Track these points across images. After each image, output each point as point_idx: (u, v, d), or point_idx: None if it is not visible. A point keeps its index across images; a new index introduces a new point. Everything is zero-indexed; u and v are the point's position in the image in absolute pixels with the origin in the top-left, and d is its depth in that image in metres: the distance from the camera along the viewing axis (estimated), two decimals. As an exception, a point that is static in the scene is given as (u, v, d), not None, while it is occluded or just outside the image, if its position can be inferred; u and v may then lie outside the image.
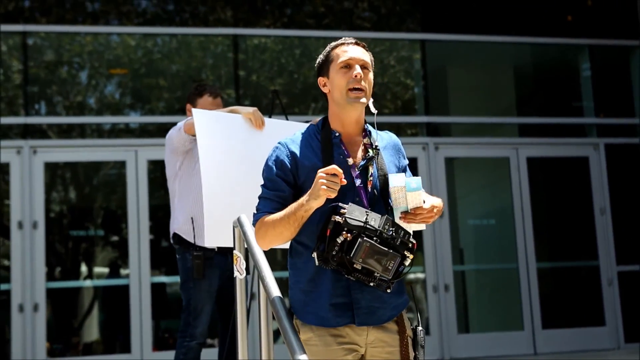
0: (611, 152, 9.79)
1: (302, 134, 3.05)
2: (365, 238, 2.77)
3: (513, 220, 9.38)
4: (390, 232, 2.81)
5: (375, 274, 2.82)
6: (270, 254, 3.42)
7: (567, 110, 10.37)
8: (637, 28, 10.10)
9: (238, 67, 9.24)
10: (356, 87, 2.94)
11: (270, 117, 5.08)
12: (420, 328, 3.00)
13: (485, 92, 10.31)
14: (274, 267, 3.29)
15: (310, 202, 2.80)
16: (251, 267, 3.48)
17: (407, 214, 2.90)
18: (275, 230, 2.91)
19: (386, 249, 2.79)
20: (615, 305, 9.43)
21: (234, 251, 3.57)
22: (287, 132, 3.16)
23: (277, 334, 6.74)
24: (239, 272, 3.55)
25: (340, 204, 2.81)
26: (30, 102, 8.79)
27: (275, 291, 3.05)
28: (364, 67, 2.99)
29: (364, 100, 2.96)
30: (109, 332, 9.64)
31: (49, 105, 9.03)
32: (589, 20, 10.18)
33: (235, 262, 3.56)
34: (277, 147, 3.03)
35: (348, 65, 2.97)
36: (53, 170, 9.20)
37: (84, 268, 9.90)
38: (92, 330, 9.96)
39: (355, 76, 2.94)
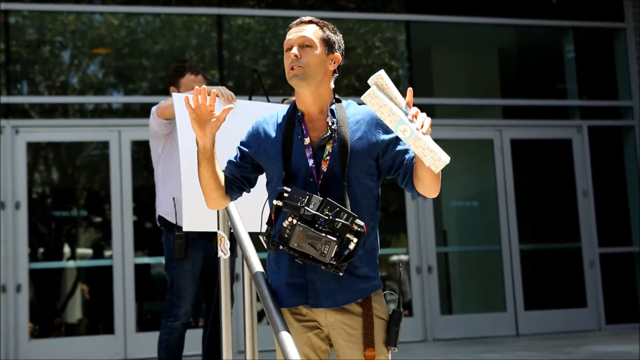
0: (594, 135, 9.84)
1: (278, 113, 3.08)
2: (299, 222, 2.76)
3: (496, 202, 9.41)
4: (328, 216, 2.77)
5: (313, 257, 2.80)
6: (255, 235, 3.41)
7: (550, 93, 10.40)
8: (621, 10, 10.11)
9: (222, 47, 9.19)
10: (292, 66, 2.94)
11: (251, 97, 5.06)
12: (397, 309, 2.94)
13: (469, 73, 10.32)
14: (258, 248, 3.29)
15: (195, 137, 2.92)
16: (236, 248, 3.47)
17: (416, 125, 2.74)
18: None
19: (322, 233, 2.75)
20: (596, 286, 9.50)
21: (218, 231, 3.57)
22: (266, 113, 3.15)
23: (260, 315, 6.75)
24: (223, 252, 3.54)
25: (285, 188, 2.82)
26: (12, 81, 8.72)
27: (259, 271, 3.05)
28: (303, 44, 2.96)
29: (301, 77, 2.93)
30: (93, 313, 9.63)
31: (31, 85, 8.96)
32: (573, 2, 10.18)
33: (219, 242, 3.56)
34: (251, 128, 3.12)
35: (289, 48, 2.99)
36: (35, 151, 9.14)
37: (67, 249, 9.87)
38: (75, 311, 9.94)
39: (291, 57, 2.95)
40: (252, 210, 3.20)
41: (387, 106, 2.72)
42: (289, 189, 2.81)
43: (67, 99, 8.89)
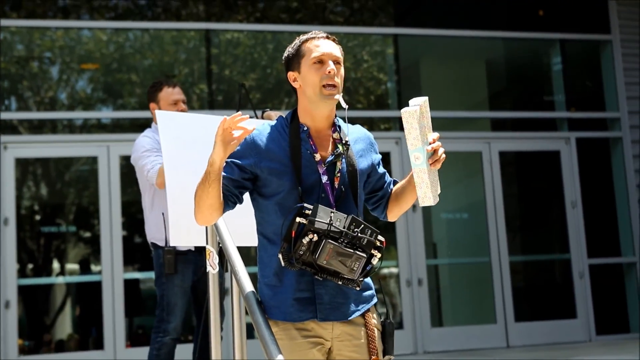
0: (582, 146, 9.87)
1: (270, 126, 3.00)
2: (329, 240, 2.74)
3: (485, 214, 9.42)
4: (356, 233, 2.78)
5: (341, 275, 2.80)
6: (244, 250, 3.41)
7: (538, 105, 10.43)
8: (607, 22, 10.18)
9: (211, 62, 9.20)
10: (329, 83, 2.89)
11: (238, 111, 5.08)
12: (389, 320, 3.00)
13: (457, 86, 10.35)
14: (247, 262, 3.29)
15: (211, 156, 2.76)
16: (225, 262, 3.47)
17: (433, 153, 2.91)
18: (196, 196, 2.84)
19: (351, 250, 2.76)
20: (586, 297, 9.52)
21: (207, 246, 3.57)
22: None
23: (249, 330, 6.73)
24: (212, 266, 3.54)
25: (305, 205, 2.78)
26: (1, 97, 8.71)
27: (249, 286, 3.04)
28: (336, 62, 2.94)
29: (337, 96, 2.90)
30: (82, 329, 9.59)
31: (19, 101, 8.95)
32: (560, 14, 10.24)
33: (208, 256, 3.55)
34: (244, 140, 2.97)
35: (321, 61, 2.91)
36: (24, 166, 9.12)
37: (56, 265, 9.84)
38: (64, 327, 9.90)
39: (329, 72, 2.89)
40: (240, 224, 3.19)
41: (417, 130, 2.83)
42: (310, 206, 2.77)
43: (56, 114, 8.88)
